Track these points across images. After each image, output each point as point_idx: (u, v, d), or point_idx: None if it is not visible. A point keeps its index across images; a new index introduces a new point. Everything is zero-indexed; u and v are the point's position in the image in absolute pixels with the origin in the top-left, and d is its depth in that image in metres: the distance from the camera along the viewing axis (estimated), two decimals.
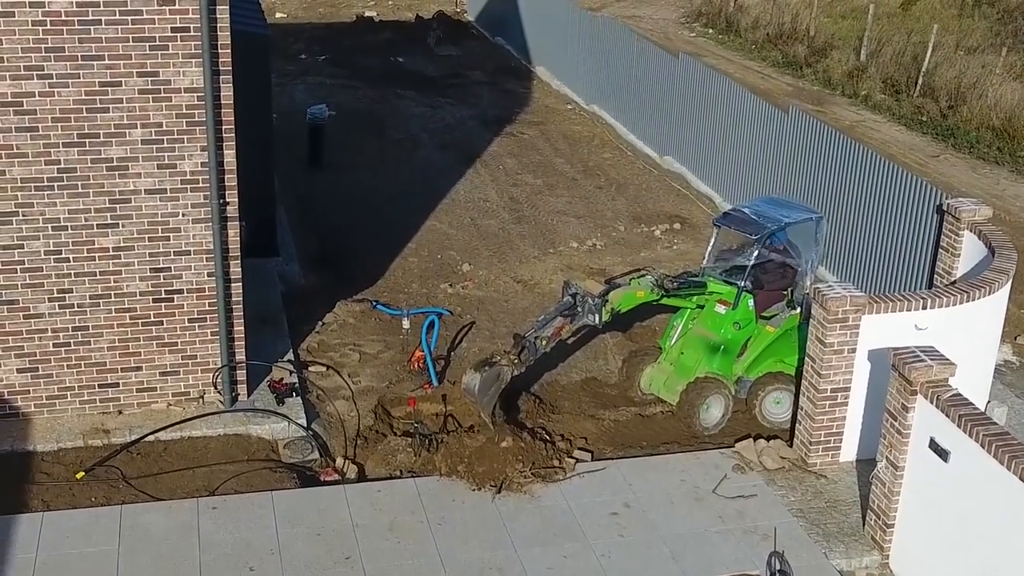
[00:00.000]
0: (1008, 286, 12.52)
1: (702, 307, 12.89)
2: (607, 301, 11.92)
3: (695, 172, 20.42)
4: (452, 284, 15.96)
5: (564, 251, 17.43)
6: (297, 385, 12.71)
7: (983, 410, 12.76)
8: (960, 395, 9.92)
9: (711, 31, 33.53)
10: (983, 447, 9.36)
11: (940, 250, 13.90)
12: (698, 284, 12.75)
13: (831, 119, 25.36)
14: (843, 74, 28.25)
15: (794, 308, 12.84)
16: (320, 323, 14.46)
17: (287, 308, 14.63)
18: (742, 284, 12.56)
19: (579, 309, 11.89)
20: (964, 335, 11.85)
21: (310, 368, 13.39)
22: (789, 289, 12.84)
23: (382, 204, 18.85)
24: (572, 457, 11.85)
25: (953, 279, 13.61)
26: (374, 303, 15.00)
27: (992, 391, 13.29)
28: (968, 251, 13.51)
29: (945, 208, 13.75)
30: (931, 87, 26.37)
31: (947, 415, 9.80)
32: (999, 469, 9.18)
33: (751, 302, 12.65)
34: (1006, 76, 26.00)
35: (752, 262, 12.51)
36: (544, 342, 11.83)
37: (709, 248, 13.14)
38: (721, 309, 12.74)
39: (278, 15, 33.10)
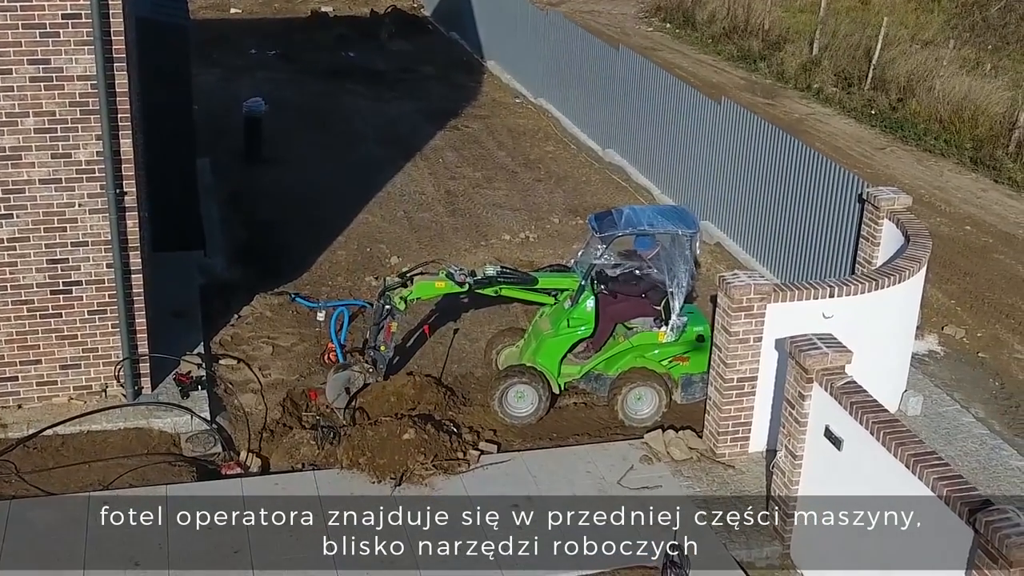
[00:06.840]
0: (921, 274, 12.41)
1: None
2: (392, 294, 12.33)
3: (635, 165, 20.29)
4: (377, 277, 15.77)
5: (496, 243, 17.27)
6: (203, 378, 12.49)
7: (898, 399, 12.75)
8: (854, 383, 9.79)
9: (668, 26, 33.42)
10: (872, 434, 9.23)
11: (861, 239, 13.80)
12: (525, 280, 12.63)
13: (781, 112, 25.30)
14: (796, 67, 28.16)
15: (660, 327, 12.42)
16: (236, 316, 14.27)
17: (205, 302, 14.41)
18: (583, 282, 12.35)
19: (387, 306, 12.38)
20: (874, 323, 11.74)
21: (220, 361, 13.18)
22: (662, 306, 12.42)
23: (316, 198, 18.64)
24: (477, 449, 11.69)
25: (874, 268, 13.49)
26: (293, 296, 14.82)
27: (911, 381, 13.18)
28: (888, 240, 13.40)
29: (865, 197, 13.64)
30: (882, 80, 26.31)
31: (840, 403, 9.67)
32: (887, 456, 9.06)
33: (589, 303, 12.42)
34: (957, 70, 25.91)
35: (596, 261, 12.26)
36: (384, 347, 12.48)
37: (584, 246, 12.95)
38: (568, 304, 12.56)
39: (233, 10, 32.84)
